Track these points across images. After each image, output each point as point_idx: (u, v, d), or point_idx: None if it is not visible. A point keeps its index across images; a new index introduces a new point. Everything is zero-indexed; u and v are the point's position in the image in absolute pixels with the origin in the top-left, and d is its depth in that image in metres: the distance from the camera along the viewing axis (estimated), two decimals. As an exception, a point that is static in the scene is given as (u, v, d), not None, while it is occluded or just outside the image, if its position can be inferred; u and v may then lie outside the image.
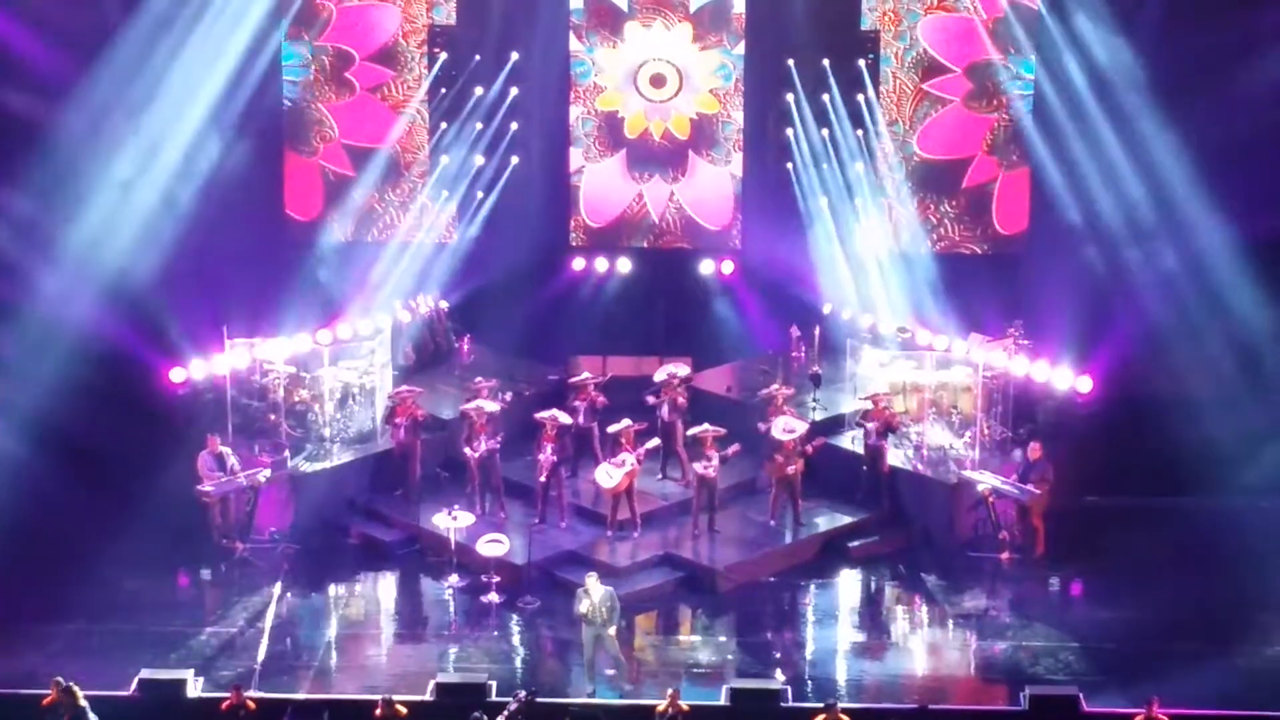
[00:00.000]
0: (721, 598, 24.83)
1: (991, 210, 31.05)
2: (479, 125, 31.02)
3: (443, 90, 31.00)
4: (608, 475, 25.46)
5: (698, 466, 25.69)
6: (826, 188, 30.90)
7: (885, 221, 31.04)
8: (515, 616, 24.23)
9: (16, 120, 27.73)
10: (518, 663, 23.18)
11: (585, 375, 27.84)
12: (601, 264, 31.40)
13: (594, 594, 22.18)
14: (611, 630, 22.15)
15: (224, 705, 20.65)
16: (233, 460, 25.85)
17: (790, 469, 25.81)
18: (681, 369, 27.67)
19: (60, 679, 20.30)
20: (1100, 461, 26.74)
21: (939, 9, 30.37)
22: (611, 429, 25.96)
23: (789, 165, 31.05)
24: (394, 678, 22.40)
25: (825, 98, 30.63)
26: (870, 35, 30.59)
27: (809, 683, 22.50)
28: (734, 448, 25.68)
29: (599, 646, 22.24)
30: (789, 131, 30.92)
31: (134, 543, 24.87)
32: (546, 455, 25.70)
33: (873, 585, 25.67)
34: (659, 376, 27.45)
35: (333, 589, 25.41)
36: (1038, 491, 25.42)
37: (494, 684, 21.46)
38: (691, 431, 26.20)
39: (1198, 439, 26.09)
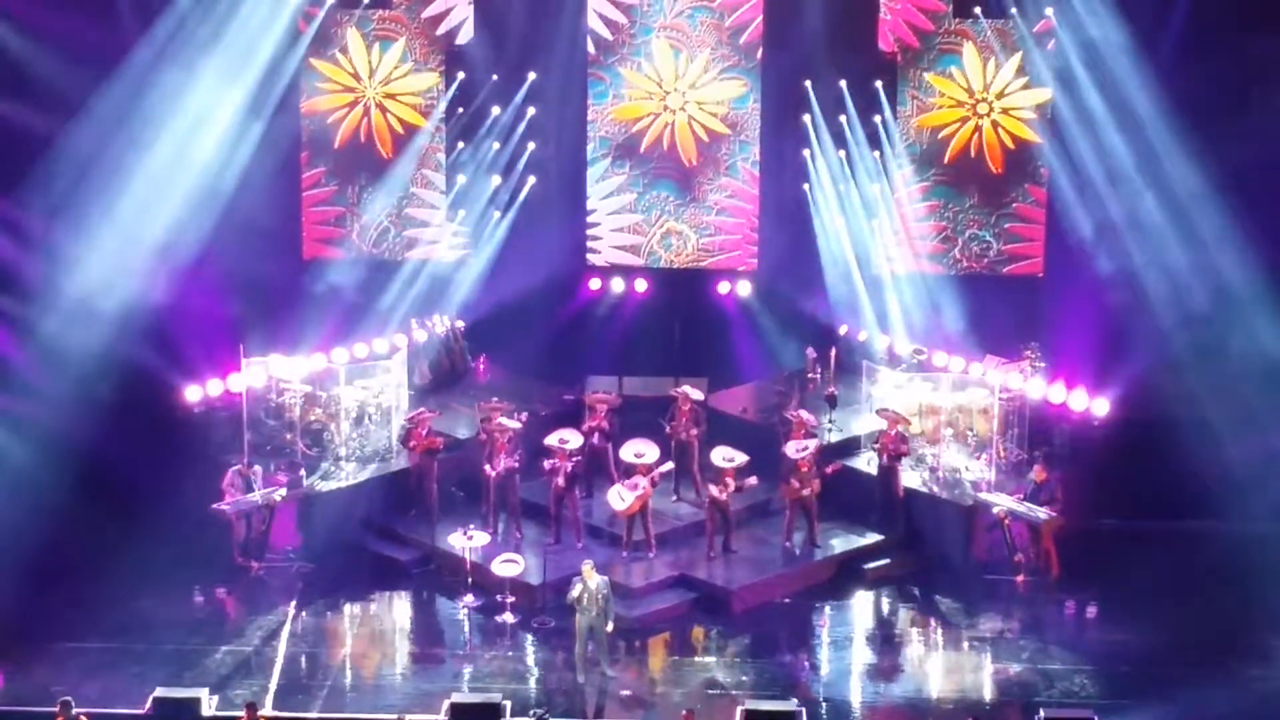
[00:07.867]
0: (736, 619, 24.80)
1: (1008, 231, 31.02)
2: (496, 145, 31.08)
3: (459, 110, 31.07)
4: (620, 498, 25.44)
5: (712, 489, 25.64)
6: (843, 209, 30.92)
7: (901, 243, 31.04)
8: (530, 636, 24.24)
9: (34, 137, 27.76)
10: (532, 683, 23.15)
11: (600, 395, 27.84)
12: (618, 284, 31.41)
13: (590, 581, 22.44)
14: (609, 627, 22.47)
15: (238, 724, 20.70)
16: (258, 482, 25.93)
17: (805, 491, 25.78)
18: (695, 391, 27.63)
19: (70, 699, 20.27)
20: (1117, 484, 26.67)
21: (956, 33, 30.46)
22: (625, 452, 25.97)
23: (805, 186, 31.07)
24: (408, 697, 22.39)
25: (842, 119, 30.66)
26: (888, 57, 30.62)
27: (824, 704, 22.47)
28: (751, 480, 25.67)
29: (592, 637, 22.44)
30: (806, 152, 30.94)
31: (149, 561, 24.90)
32: (560, 476, 25.69)
33: (888, 607, 25.62)
34: (672, 392, 27.46)
35: (347, 608, 25.41)
36: (1052, 514, 25.38)
37: (508, 704, 21.41)
38: (715, 460, 26.10)
39: (1214, 462, 26.04)
